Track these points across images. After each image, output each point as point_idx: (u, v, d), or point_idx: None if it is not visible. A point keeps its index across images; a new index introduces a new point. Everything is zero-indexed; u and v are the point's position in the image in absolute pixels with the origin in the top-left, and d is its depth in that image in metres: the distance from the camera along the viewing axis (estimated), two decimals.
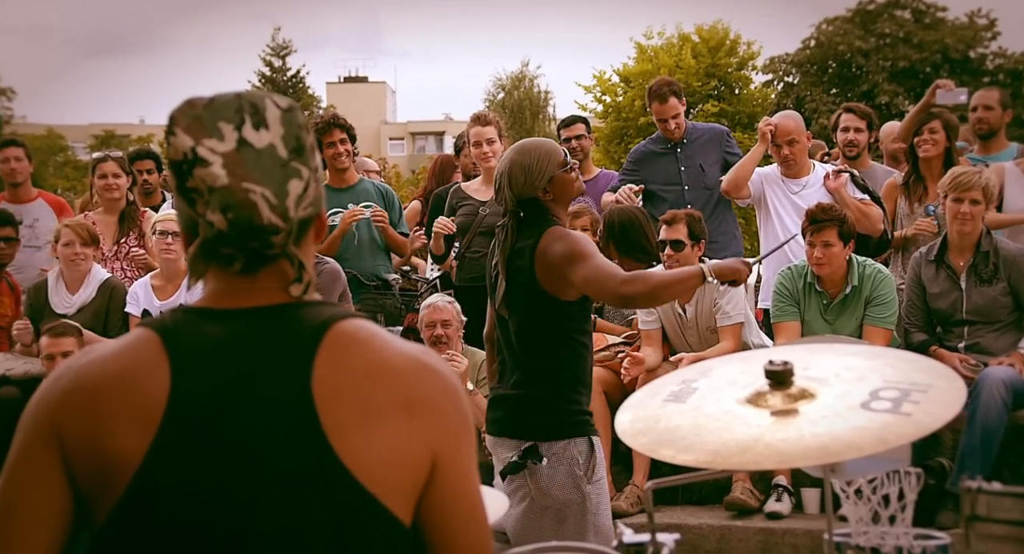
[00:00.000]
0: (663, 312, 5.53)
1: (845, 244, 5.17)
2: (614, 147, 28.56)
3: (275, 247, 1.41)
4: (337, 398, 1.36)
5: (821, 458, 2.11)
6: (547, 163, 3.43)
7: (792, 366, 2.33)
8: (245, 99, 1.44)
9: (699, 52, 28.66)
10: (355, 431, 1.36)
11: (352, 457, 1.35)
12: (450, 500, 1.42)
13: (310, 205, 1.46)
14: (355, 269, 6.10)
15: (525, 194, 3.42)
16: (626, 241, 5.81)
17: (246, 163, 1.39)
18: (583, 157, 6.87)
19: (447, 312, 5.60)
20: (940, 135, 5.86)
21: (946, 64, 24.34)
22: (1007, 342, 5.12)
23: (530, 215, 3.43)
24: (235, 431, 1.36)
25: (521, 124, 36.81)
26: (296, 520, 1.34)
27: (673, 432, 2.33)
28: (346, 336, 1.41)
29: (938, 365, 2.39)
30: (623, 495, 5.29)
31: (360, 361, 1.39)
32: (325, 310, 1.44)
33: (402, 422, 1.38)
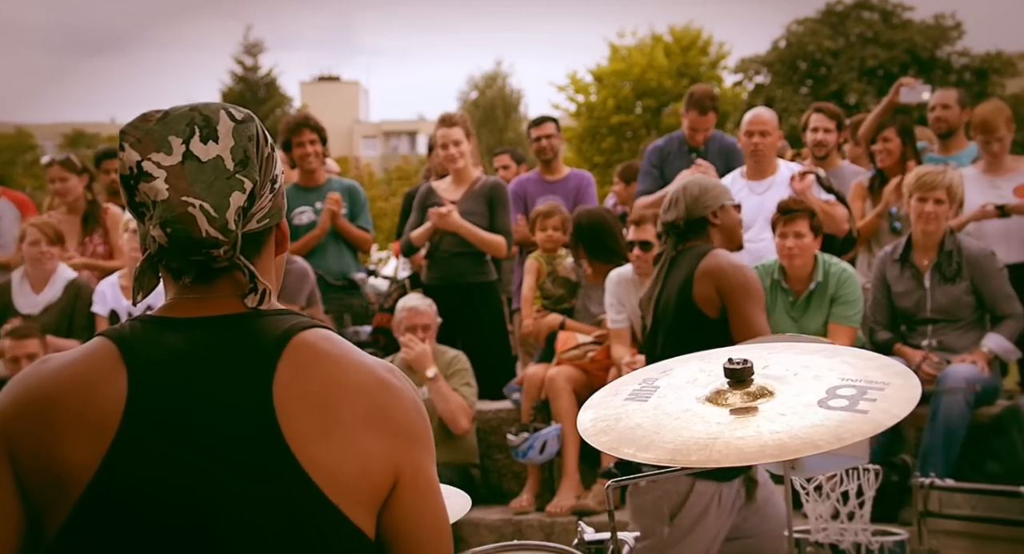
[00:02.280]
0: (632, 311, 5.55)
1: (815, 236, 5.21)
2: (586, 146, 28.61)
3: (220, 260, 1.41)
4: (298, 408, 1.36)
5: (779, 456, 2.13)
6: (722, 191, 3.58)
7: (751, 365, 2.35)
8: (199, 112, 1.44)
9: (671, 52, 28.76)
10: (317, 440, 1.35)
11: (314, 465, 1.34)
12: (413, 514, 1.42)
13: (266, 216, 1.46)
14: (321, 269, 6.09)
15: (696, 212, 3.52)
16: (595, 242, 5.83)
17: (188, 176, 1.39)
18: (553, 156, 6.88)
19: (427, 316, 5.59)
20: (894, 142, 5.93)
21: (914, 64, 24.52)
22: (970, 340, 5.17)
23: (694, 232, 3.53)
24: (192, 441, 1.35)
25: (494, 123, 36.79)
26: (256, 529, 1.34)
27: (634, 431, 2.35)
28: (308, 346, 1.40)
29: (894, 363, 2.42)
30: (590, 493, 5.31)
31: (322, 373, 1.39)
32: (287, 319, 1.43)
33: (363, 435, 1.38)
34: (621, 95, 28.54)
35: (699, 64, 28.89)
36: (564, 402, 5.46)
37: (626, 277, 5.54)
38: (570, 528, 5.15)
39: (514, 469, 5.76)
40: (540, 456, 5.43)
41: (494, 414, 5.89)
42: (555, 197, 6.61)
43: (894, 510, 4.54)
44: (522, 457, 5.47)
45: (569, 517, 5.22)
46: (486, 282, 6.15)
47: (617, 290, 5.55)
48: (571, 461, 5.42)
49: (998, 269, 5.21)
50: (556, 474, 5.60)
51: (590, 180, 6.92)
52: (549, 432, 5.42)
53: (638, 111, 28.82)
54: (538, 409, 5.60)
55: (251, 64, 36.45)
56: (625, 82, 28.60)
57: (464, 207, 6.05)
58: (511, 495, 5.63)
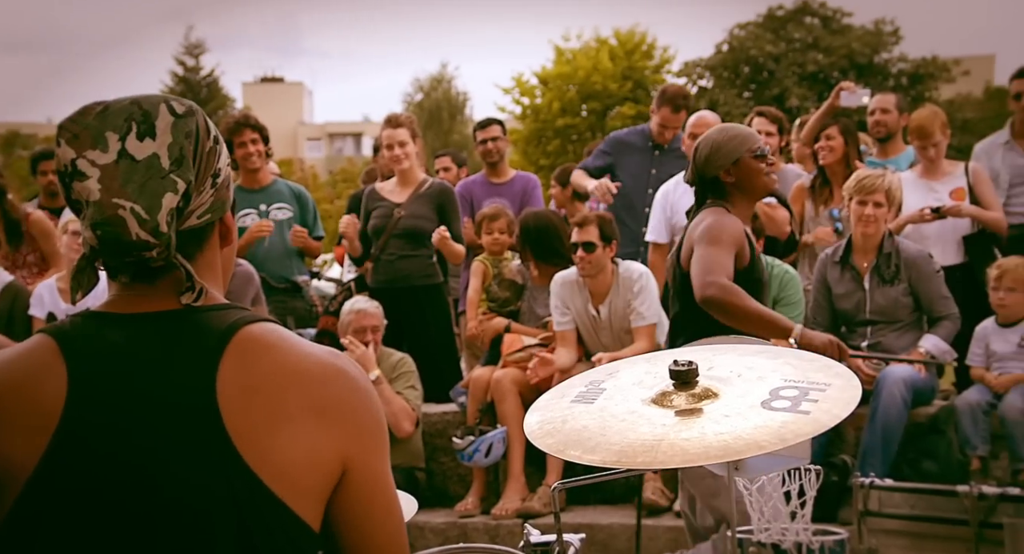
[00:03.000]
0: (577, 313, 5.57)
1: (758, 239, 5.26)
2: (532, 149, 28.67)
3: (155, 261, 1.39)
4: (243, 402, 1.35)
5: (723, 457, 2.15)
6: (737, 144, 3.41)
7: (696, 366, 2.37)
8: (139, 106, 1.41)
9: (616, 55, 28.92)
10: (262, 435, 1.34)
11: (259, 461, 1.34)
12: (362, 503, 1.41)
13: (208, 212, 1.45)
14: (264, 272, 6.04)
15: (708, 171, 3.42)
16: (541, 245, 5.84)
17: (121, 176, 1.37)
18: (498, 159, 6.89)
19: (376, 318, 5.57)
20: (837, 141, 6.01)
21: (853, 69, 24.90)
22: (908, 341, 5.26)
23: (713, 195, 3.43)
24: (134, 436, 1.34)
25: (439, 125, 36.74)
26: (200, 526, 1.33)
27: (580, 433, 2.36)
28: (253, 340, 1.39)
29: (835, 364, 2.45)
30: (536, 496, 5.32)
31: (268, 365, 1.38)
32: (232, 314, 1.42)
33: (312, 426, 1.37)
34: (566, 98, 28.64)
35: (644, 67, 29.08)
36: (510, 405, 5.46)
37: (571, 279, 5.56)
38: (515, 531, 5.15)
39: (459, 472, 5.76)
40: (486, 459, 5.43)
41: (440, 417, 5.88)
42: (501, 200, 6.62)
43: (834, 510, 4.60)
44: (467, 460, 5.47)
45: (514, 520, 5.23)
46: (432, 285, 6.14)
47: (562, 292, 5.57)
48: (516, 464, 5.43)
49: (935, 271, 5.31)
50: (502, 477, 5.60)
51: (536, 183, 6.93)
52: (495, 435, 5.42)
53: (583, 114, 28.94)
54: (484, 412, 5.60)
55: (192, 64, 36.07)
56: (570, 85, 28.70)
57: (410, 209, 6.04)
58: (456, 498, 5.62)
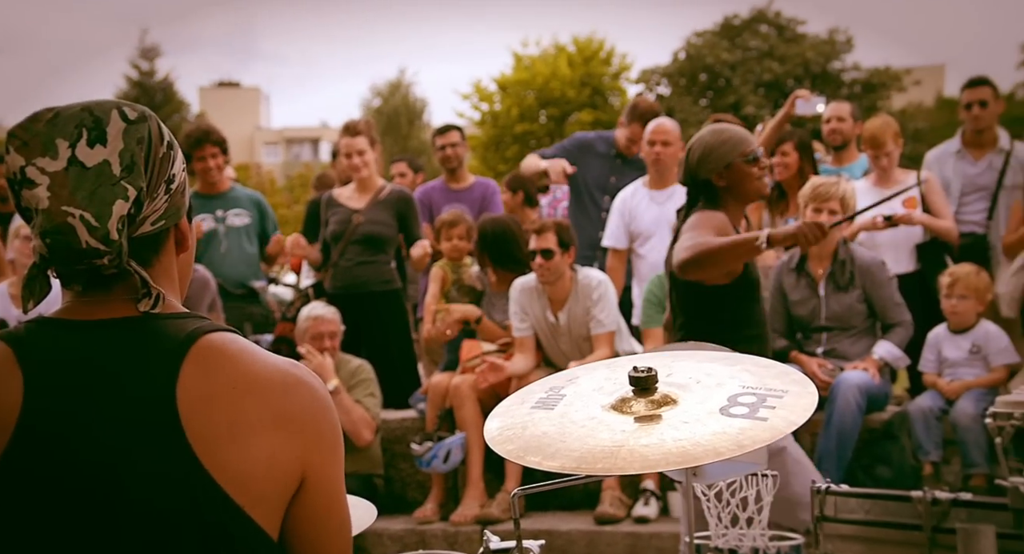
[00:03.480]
0: (536, 319, 5.58)
1: None
2: (491, 155, 28.70)
3: (107, 269, 1.38)
4: (203, 410, 1.35)
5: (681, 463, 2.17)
6: (730, 148, 3.36)
7: (655, 373, 2.38)
8: (90, 112, 1.41)
9: (574, 62, 29.04)
10: (223, 443, 1.34)
11: (219, 469, 1.33)
12: (320, 513, 1.41)
13: (162, 218, 1.44)
14: (221, 277, 6.00)
15: (700, 174, 3.37)
16: (499, 251, 5.84)
17: (71, 184, 1.36)
18: (457, 165, 6.89)
19: (334, 323, 5.55)
20: (792, 157, 6.08)
21: (807, 77, 25.19)
22: (862, 348, 5.33)
23: (704, 199, 3.39)
24: (93, 442, 1.33)
25: (397, 131, 36.65)
26: (160, 533, 1.32)
27: (540, 439, 2.36)
28: (213, 349, 1.39)
29: (792, 370, 2.48)
30: (495, 502, 5.32)
31: (228, 374, 1.38)
32: (191, 322, 1.42)
33: (272, 435, 1.37)
34: (525, 104, 28.71)
35: (602, 74, 29.23)
36: (468, 411, 5.46)
37: (530, 286, 5.57)
38: (474, 537, 5.15)
39: (418, 478, 5.74)
40: (444, 465, 5.42)
41: (398, 423, 5.86)
42: (460, 205, 6.62)
43: None
44: (426, 466, 5.46)
45: (473, 526, 5.23)
46: (391, 291, 6.13)
47: (521, 298, 5.58)
48: (475, 470, 5.42)
49: (888, 278, 5.38)
50: (461, 483, 5.59)
51: (495, 189, 6.94)
52: (453, 441, 5.41)
53: (542, 120, 29.03)
54: (442, 418, 5.59)
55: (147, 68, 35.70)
56: (529, 91, 28.78)
57: (369, 216, 6.02)
58: (415, 504, 5.61)
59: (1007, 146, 6.14)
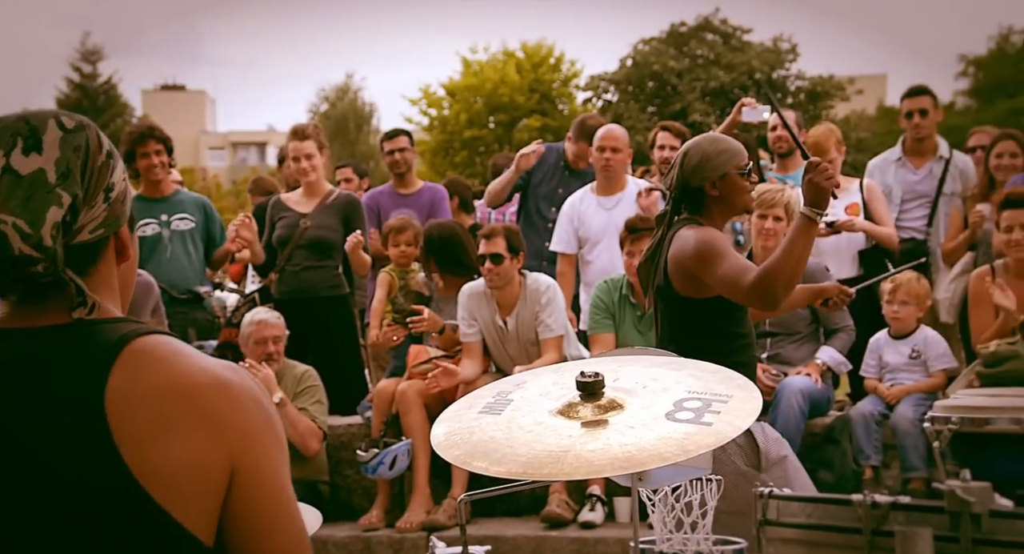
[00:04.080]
0: (484, 324, 5.58)
1: None
2: (440, 160, 28.67)
3: (43, 277, 1.37)
4: (131, 412, 1.33)
5: (627, 468, 2.18)
6: (727, 158, 3.31)
7: (602, 378, 2.39)
8: (28, 122, 1.40)
9: (523, 68, 29.10)
10: (149, 444, 1.33)
11: (146, 472, 1.32)
12: (256, 514, 1.39)
13: (100, 226, 1.43)
14: (165, 282, 5.93)
15: (693, 181, 3.30)
16: (445, 256, 5.84)
17: (4, 192, 1.36)
18: (406, 170, 6.87)
19: (278, 328, 5.50)
20: None
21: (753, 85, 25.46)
22: (805, 353, 5.39)
23: (689, 206, 3.32)
24: (20, 448, 1.32)
25: (345, 136, 36.48)
26: (85, 539, 1.31)
27: (487, 444, 2.36)
28: (145, 351, 1.38)
29: (737, 375, 2.50)
30: (441, 508, 5.31)
31: (157, 375, 1.37)
32: (125, 326, 1.41)
33: (197, 436, 1.36)
34: (474, 110, 28.71)
35: (551, 81, 29.32)
36: (415, 417, 5.44)
37: (478, 291, 5.57)
38: (420, 544, 5.14)
39: (364, 485, 5.71)
40: (390, 472, 5.40)
41: (344, 429, 5.83)
42: (409, 211, 6.60)
43: None
44: (372, 473, 5.43)
45: (419, 533, 5.21)
46: (338, 296, 6.09)
47: (470, 303, 5.58)
48: (422, 476, 5.41)
49: None
50: (407, 490, 5.57)
51: (444, 194, 6.93)
52: (399, 447, 5.39)
53: (491, 126, 29.05)
54: (389, 424, 5.57)
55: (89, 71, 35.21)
56: (478, 97, 28.79)
57: (317, 220, 5.99)
58: (360, 511, 5.58)
59: (946, 154, 6.25)
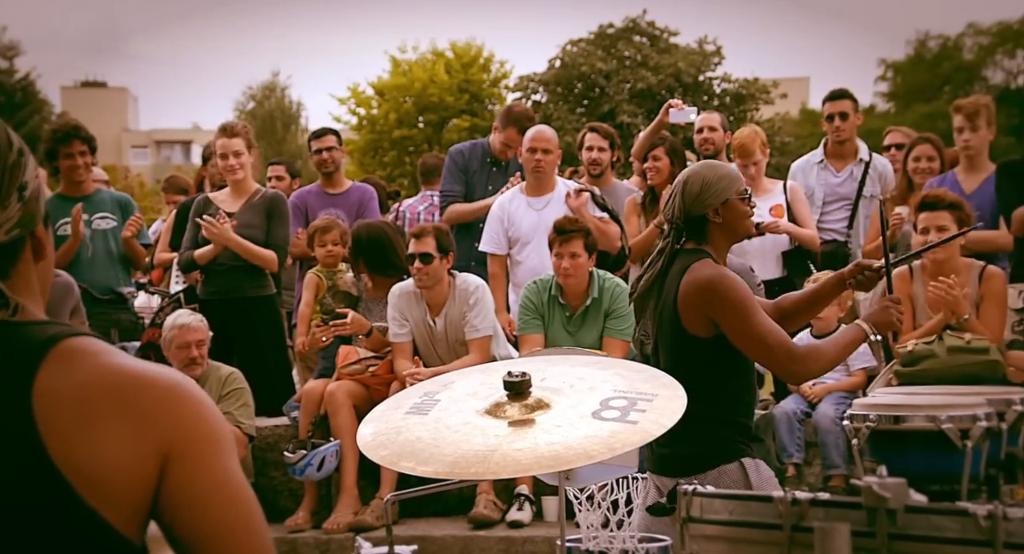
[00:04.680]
0: (414, 325, 5.57)
1: (590, 255, 5.38)
2: (368, 160, 28.50)
3: None
4: (59, 410, 1.32)
5: (554, 466, 2.20)
6: (727, 184, 3.25)
7: (530, 377, 2.41)
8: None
9: (453, 68, 29.07)
10: (76, 443, 1.31)
11: (73, 470, 1.30)
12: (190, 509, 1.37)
13: (15, 226, 1.41)
14: (87, 283, 5.82)
15: (695, 209, 3.23)
16: (374, 256, 5.81)
17: None
18: (334, 169, 6.82)
19: (200, 331, 5.41)
20: (663, 162, 6.21)
21: (679, 87, 25.71)
22: None
23: (691, 235, 3.26)
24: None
25: (272, 135, 36.07)
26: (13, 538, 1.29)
27: (414, 444, 2.36)
28: (74, 352, 1.36)
29: (662, 375, 2.54)
30: (369, 509, 5.28)
31: (85, 373, 1.35)
32: (52, 328, 1.39)
33: (128, 431, 1.34)
34: (403, 109, 28.60)
35: (481, 81, 29.32)
36: (344, 417, 5.41)
37: (408, 290, 5.56)
38: (347, 545, 5.11)
39: (290, 486, 5.66)
40: (318, 473, 5.36)
41: (271, 431, 5.77)
42: (337, 211, 6.56)
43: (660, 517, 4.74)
44: (299, 474, 5.39)
45: (346, 534, 5.18)
46: (264, 296, 6.03)
47: (400, 303, 5.56)
48: (349, 477, 5.38)
49: (756, 285, 5.52)
50: (334, 491, 5.54)
51: (372, 194, 6.89)
52: (328, 448, 5.35)
53: (420, 126, 28.97)
54: (317, 425, 5.53)
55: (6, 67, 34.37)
56: (407, 96, 28.69)
57: (243, 219, 5.92)
58: (287, 513, 5.53)
59: (866, 157, 6.38)
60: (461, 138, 24.48)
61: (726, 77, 27.25)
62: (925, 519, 1.79)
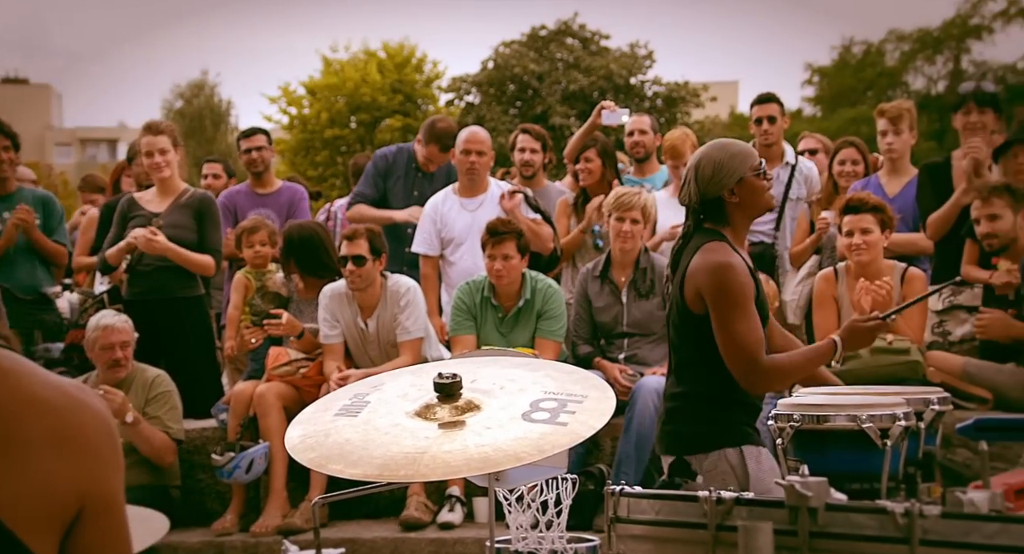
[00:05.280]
0: (346, 326, 5.54)
1: (522, 257, 5.40)
2: (300, 160, 28.26)
3: None
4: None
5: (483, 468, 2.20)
6: (740, 162, 3.20)
7: (460, 379, 2.41)
8: None
9: (386, 68, 28.94)
10: None
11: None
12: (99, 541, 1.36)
13: None
14: (10, 283, 5.70)
15: (710, 192, 3.19)
16: (306, 257, 5.76)
17: None
18: (263, 169, 6.76)
19: (125, 332, 5.33)
20: (595, 163, 6.26)
21: (611, 89, 25.90)
22: (661, 353, 5.51)
23: (709, 217, 3.22)
24: None
25: (201, 134, 35.58)
26: None
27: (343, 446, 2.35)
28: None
29: (592, 376, 2.55)
30: (298, 511, 5.24)
31: (4, 393, 1.31)
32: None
33: (49, 458, 1.31)
34: (335, 109, 28.40)
35: (413, 81, 29.23)
36: (273, 419, 5.36)
37: (340, 292, 5.53)
38: (275, 548, 5.06)
39: (218, 489, 5.60)
40: (246, 475, 5.31)
41: (199, 433, 5.70)
42: (267, 211, 6.50)
43: (590, 517, 4.78)
44: (227, 477, 5.32)
45: (274, 537, 5.13)
46: (192, 296, 5.95)
47: (331, 305, 5.53)
48: (279, 479, 5.33)
49: None
50: (263, 493, 5.48)
51: (303, 194, 6.84)
52: (256, 450, 5.30)
53: (352, 125, 28.79)
54: (245, 427, 5.47)
55: None
56: (339, 96, 28.49)
57: (170, 220, 5.84)
58: (214, 516, 5.46)
59: (792, 160, 6.49)
60: (394, 138, 24.37)
61: (657, 80, 27.50)
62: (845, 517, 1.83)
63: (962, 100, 5.66)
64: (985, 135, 5.52)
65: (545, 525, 2.36)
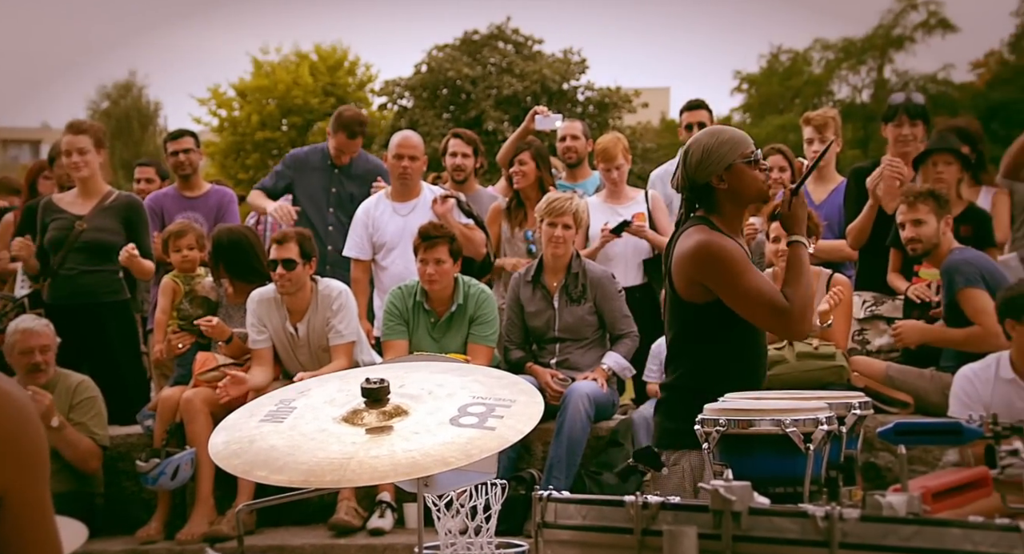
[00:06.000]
0: (274, 330, 5.49)
1: (455, 261, 5.40)
2: (230, 162, 27.94)
3: None
4: None
5: (411, 473, 2.19)
6: (730, 149, 3.13)
7: (388, 384, 2.40)
8: None
9: (318, 71, 28.74)
10: None
11: None
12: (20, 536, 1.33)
13: None
14: None
15: (699, 178, 3.13)
16: (235, 262, 5.70)
17: None
18: (191, 172, 6.66)
19: (45, 336, 5.22)
20: (529, 166, 6.27)
21: (545, 94, 25.98)
22: (592, 358, 5.55)
23: (701, 204, 3.16)
24: None
25: (129, 135, 35.00)
26: None
27: (268, 453, 2.33)
28: None
29: (521, 380, 2.56)
30: (224, 518, 5.18)
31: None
32: None
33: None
34: (266, 111, 28.14)
35: (346, 84, 29.07)
36: (200, 425, 5.28)
37: (268, 296, 5.47)
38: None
39: (143, 496, 5.50)
40: (172, 482, 5.23)
41: (123, 440, 5.61)
42: (194, 214, 6.41)
43: (521, 522, 4.78)
44: (152, 484, 5.24)
45: (200, 544, 5.07)
46: (117, 301, 5.85)
47: (259, 309, 5.47)
48: (205, 486, 5.26)
49: (617, 291, 5.63)
50: (190, 500, 5.40)
51: (232, 197, 6.75)
52: (182, 457, 5.23)
53: (284, 128, 28.54)
54: (171, 433, 5.39)
55: None
56: (270, 99, 28.23)
57: (93, 222, 5.73)
58: (139, 523, 5.37)
59: None
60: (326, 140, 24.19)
61: (590, 85, 27.66)
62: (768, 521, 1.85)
63: (894, 112, 5.76)
64: (915, 147, 5.62)
65: (474, 530, 2.36)
